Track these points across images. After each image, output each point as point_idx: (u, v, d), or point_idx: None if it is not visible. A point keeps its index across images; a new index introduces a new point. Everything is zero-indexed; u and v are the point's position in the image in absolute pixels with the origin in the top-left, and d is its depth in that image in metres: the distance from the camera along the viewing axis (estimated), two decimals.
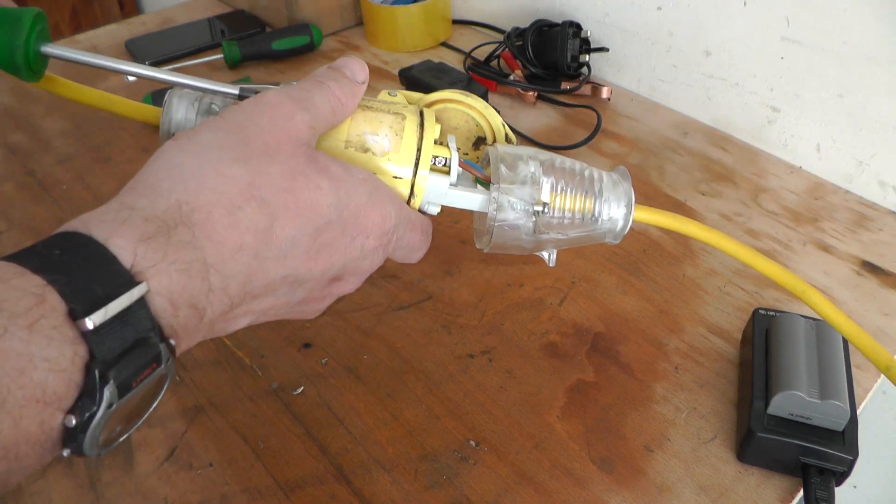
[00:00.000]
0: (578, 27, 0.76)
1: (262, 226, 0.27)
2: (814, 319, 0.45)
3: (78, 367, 0.22)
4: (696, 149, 0.71)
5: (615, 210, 0.35)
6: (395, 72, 0.84)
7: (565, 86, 0.77)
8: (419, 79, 0.76)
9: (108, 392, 0.22)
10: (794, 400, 0.40)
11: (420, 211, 0.35)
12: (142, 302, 0.23)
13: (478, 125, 0.40)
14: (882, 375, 0.49)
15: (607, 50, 0.79)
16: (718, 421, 0.46)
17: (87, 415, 0.22)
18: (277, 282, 0.28)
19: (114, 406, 0.23)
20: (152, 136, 0.73)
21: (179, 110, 0.34)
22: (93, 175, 0.68)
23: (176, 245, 0.24)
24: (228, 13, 0.98)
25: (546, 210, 0.34)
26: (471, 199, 0.35)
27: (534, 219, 0.34)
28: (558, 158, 0.36)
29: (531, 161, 0.35)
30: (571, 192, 0.35)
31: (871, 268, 0.57)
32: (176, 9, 1.01)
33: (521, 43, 0.78)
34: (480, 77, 0.80)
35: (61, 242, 0.23)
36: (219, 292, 0.26)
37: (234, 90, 0.34)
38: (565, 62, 0.75)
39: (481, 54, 0.85)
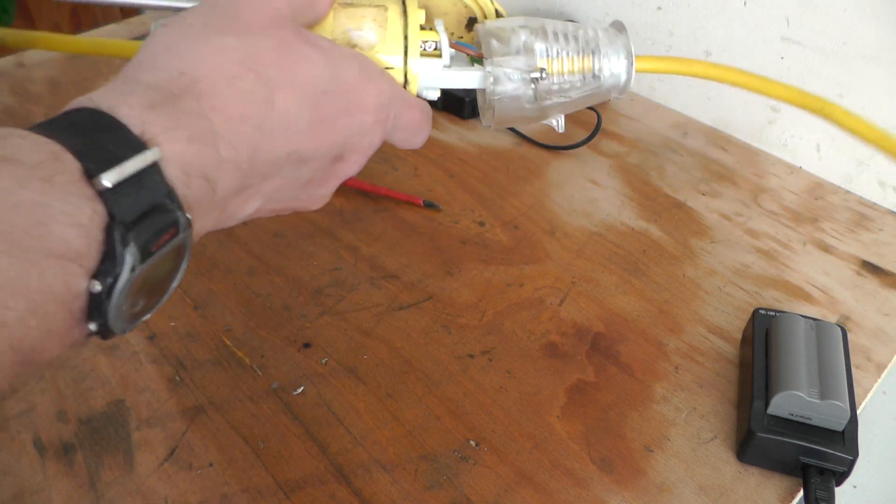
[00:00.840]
0: None
1: (262, 96, 0.27)
2: (814, 319, 0.45)
3: (97, 226, 0.21)
4: (696, 149, 0.71)
5: (615, 64, 0.35)
6: None
7: None
8: None
9: (129, 255, 0.22)
10: (794, 400, 0.40)
11: (419, 97, 0.35)
12: (155, 167, 0.23)
13: (466, 6, 0.39)
14: (882, 375, 0.49)
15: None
16: (718, 421, 0.46)
17: (110, 279, 0.22)
18: (283, 158, 0.28)
19: (136, 270, 0.22)
20: None
21: None
22: None
23: (183, 112, 0.24)
24: None
25: (544, 75, 0.34)
26: (467, 78, 0.35)
27: (533, 86, 0.34)
28: (549, 23, 0.35)
29: (521, 30, 0.34)
30: (567, 53, 0.34)
31: (871, 268, 0.57)
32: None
33: None
34: None
35: (69, 115, 0.23)
36: (229, 164, 0.26)
37: None
38: None
39: None
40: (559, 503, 0.42)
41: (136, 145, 0.23)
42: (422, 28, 0.35)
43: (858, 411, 0.43)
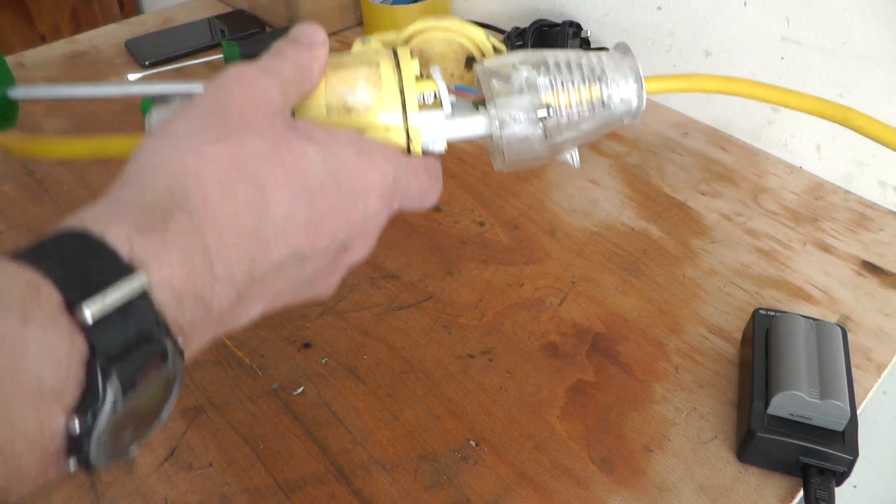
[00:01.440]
0: (578, 27, 0.76)
1: (255, 202, 0.25)
2: (814, 319, 0.45)
3: (77, 360, 0.20)
4: (696, 149, 0.71)
5: (624, 89, 0.33)
6: None
7: None
8: None
9: (111, 389, 0.21)
10: (794, 400, 0.40)
11: (426, 153, 0.33)
12: (143, 294, 0.22)
13: (462, 46, 0.37)
14: (882, 375, 0.49)
15: (607, 50, 0.79)
16: (718, 421, 0.46)
17: (90, 414, 0.21)
18: (283, 262, 0.27)
19: (119, 404, 0.21)
20: None
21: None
22: (93, 175, 0.68)
23: (175, 232, 0.23)
24: (228, 13, 0.98)
25: (551, 112, 0.32)
26: (473, 125, 0.33)
27: (541, 125, 0.32)
28: (550, 55, 0.33)
29: (522, 66, 0.33)
30: (573, 84, 0.32)
31: (871, 268, 0.57)
32: (176, 9, 1.01)
33: (521, 43, 0.78)
34: None
35: (56, 238, 0.22)
36: (224, 281, 0.25)
37: (199, 86, 0.33)
38: None
39: None
40: (559, 503, 0.42)
41: (124, 272, 0.22)
42: (418, 78, 0.33)
43: (858, 411, 0.43)
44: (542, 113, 0.32)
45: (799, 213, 0.63)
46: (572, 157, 0.35)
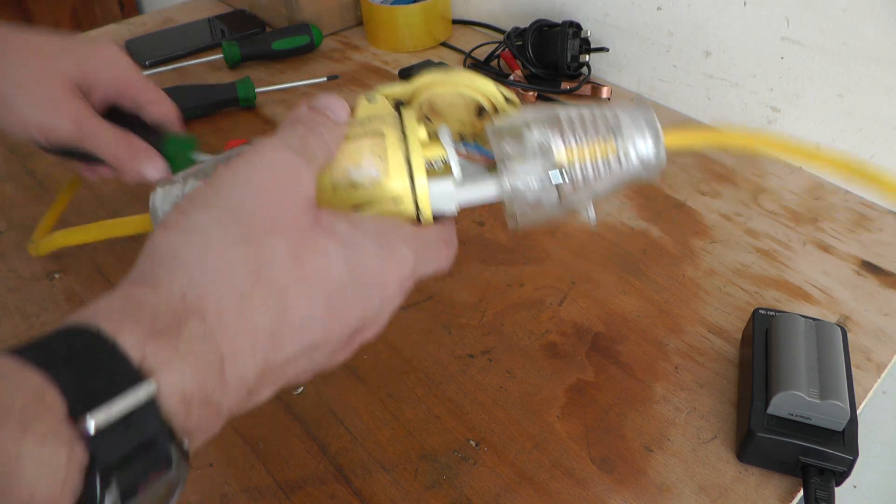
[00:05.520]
0: (578, 27, 0.76)
1: (273, 306, 0.25)
2: (814, 319, 0.45)
3: (76, 469, 0.20)
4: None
5: (641, 145, 0.31)
6: (396, 72, 0.84)
7: (565, 86, 0.77)
8: None
9: (109, 497, 0.20)
10: (794, 400, 0.40)
11: (436, 218, 0.32)
12: (151, 403, 0.21)
13: (472, 98, 0.36)
14: (882, 375, 0.49)
15: (607, 50, 0.79)
16: (718, 421, 0.46)
17: None
18: (297, 355, 0.27)
19: None
20: None
21: (166, 204, 0.32)
22: None
23: (188, 339, 0.23)
24: (228, 13, 0.98)
25: (565, 176, 0.31)
26: (485, 191, 0.32)
27: (556, 191, 0.31)
28: (562, 111, 0.32)
29: (535, 126, 0.31)
30: (588, 142, 0.31)
31: (871, 268, 0.57)
32: (176, 9, 1.01)
33: (521, 43, 0.78)
34: None
35: (67, 334, 0.22)
36: (235, 382, 0.24)
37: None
38: (565, 62, 0.75)
39: (481, 54, 0.85)
40: (559, 503, 0.42)
41: (133, 380, 0.21)
42: (425, 143, 0.32)
43: (858, 411, 0.43)
44: (556, 178, 0.31)
45: (799, 213, 0.63)
46: (589, 213, 0.33)
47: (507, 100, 0.36)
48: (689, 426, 0.46)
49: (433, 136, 0.33)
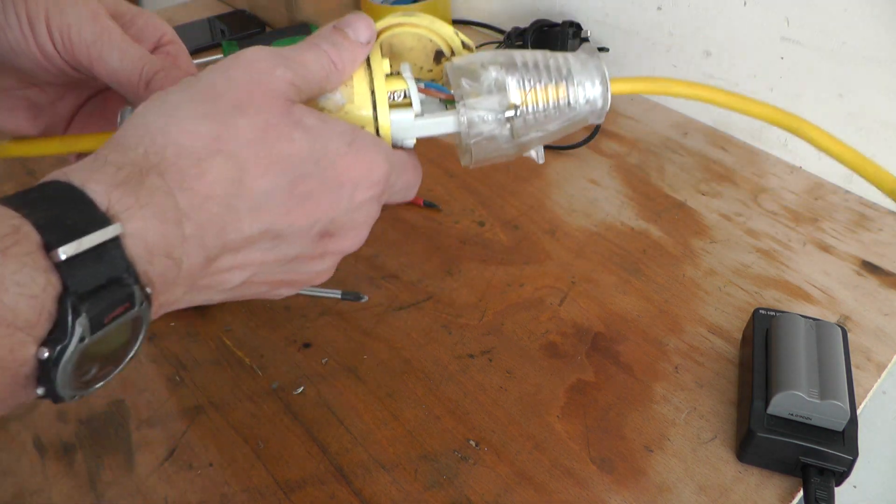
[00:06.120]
0: (578, 27, 0.76)
1: (230, 177, 0.27)
2: (814, 319, 0.45)
3: (50, 297, 0.22)
4: (696, 149, 0.71)
5: (590, 90, 0.34)
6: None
7: None
8: None
9: (79, 325, 0.23)
10: (794, 400, 0.40)
11: (395, 148, 0.34)
12: (116, 241, 0.24)
13: (431, 41, 0.38)
14: (882, 375, 0.49)
15: (607, 50, 0.79)
16: (718, 421, 0.46)
17: (58, 347, 0.22)
18: (255, 235, 0.28)
19: (86, 340, 0.23)
20: None
21: None
22: None
23: (148, 190, 0.25)
24: (228, 13, 0.98)
25: (518, 113, 0.33)
26: (442, 124, 0.34)
27: (508, 125, 0.33)
28: (518, 55, 0.34)
29: (491, 66, 0.33)
30: (541, 85, 0.33)
31: (871, 268, 0.57)
32: (176, 9, 1.01)
33: (521, 43, 0.78)
34: None
35: (40, 187, 0.24)
36: (193, 241, 0.26)
37: None
38: None
39: None
40: (559, 503, 0.42)
41: (100, 220, 0.23)
42: (388, 76, 0.34)
43: (858, 411, 0.43)
44: (510, 113, 0.33)
45: (799, 213, 0.63)
46: (537, 153, 0.36)
47: (464, 45, 0.37)
48: (689, 426, 0.46)
49: (396, 73, 0.35)
